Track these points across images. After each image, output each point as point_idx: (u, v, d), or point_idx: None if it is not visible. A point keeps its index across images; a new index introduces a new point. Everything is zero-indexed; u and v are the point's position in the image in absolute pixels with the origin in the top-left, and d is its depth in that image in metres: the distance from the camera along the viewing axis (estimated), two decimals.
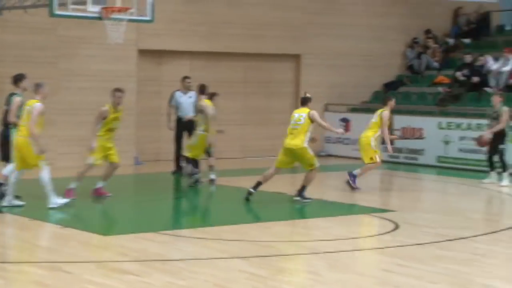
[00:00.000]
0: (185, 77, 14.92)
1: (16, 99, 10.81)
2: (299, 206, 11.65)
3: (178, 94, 14.73)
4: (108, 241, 8.70)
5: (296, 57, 18.53)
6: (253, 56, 18.02)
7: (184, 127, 14.32)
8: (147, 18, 13.32)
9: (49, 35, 15.19)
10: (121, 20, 12.68)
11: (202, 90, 13.21)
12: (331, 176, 15.29)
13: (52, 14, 12.58)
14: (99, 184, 11.38)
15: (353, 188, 12.49)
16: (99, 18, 12.65)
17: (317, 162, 11.23)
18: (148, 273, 7.16)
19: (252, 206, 11.51)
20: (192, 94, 14.75)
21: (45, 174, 9.98)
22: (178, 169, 14.32)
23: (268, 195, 12.38)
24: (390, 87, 19.25)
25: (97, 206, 11.08)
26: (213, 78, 17.61)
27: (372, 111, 18.26)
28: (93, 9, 12.54)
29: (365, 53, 19.11)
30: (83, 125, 15.30)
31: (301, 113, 11.31)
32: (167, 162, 15.51)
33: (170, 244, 8.66)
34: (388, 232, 9.26)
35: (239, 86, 18.03)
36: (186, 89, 14.77)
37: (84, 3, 12.61)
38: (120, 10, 12.66)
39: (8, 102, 11.01)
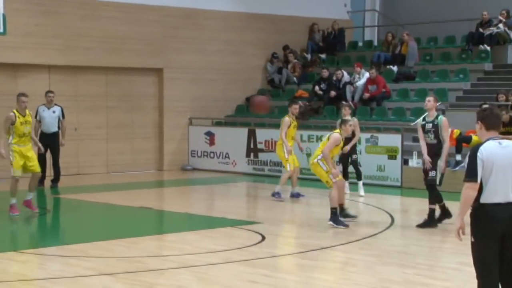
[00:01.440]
0: (48, 92, 14.63)
1: None
2: (165, 220, 11.59)
3: (41, 109, 14.38)
4: None
5: (158, 71, 18.47)
6: (113, 70, 17.78)
7: (47, 141, 13.93)
8: (0, 30, 12.85)
9: None
10: None
11: None
12: (197, 189, 15.34)
13: None
14: (29, 197, 11.27)
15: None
16: None
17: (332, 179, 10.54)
18: None
19: (118, 222, 11.32)
20: (56, 109, 14.44)
21: None
22: (41, 183, 13.93)
23: (134, 209, 12.24)
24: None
25: None
26: (73, 91, 17.24)
27: (236, 124, 18.64)
28: None
29: (225, 67, 19.36)
30: None
31: None
32: (26, 178, 14.94)
33: (32, 263, 8.35)
34: (255, 244, 9.40)
35: (101, 100, 17.72)
36: (49, 103, 14.44)
37: None
38: None
39: None
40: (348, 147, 13.10)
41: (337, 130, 10.88)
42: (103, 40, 17.33)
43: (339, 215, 10.60)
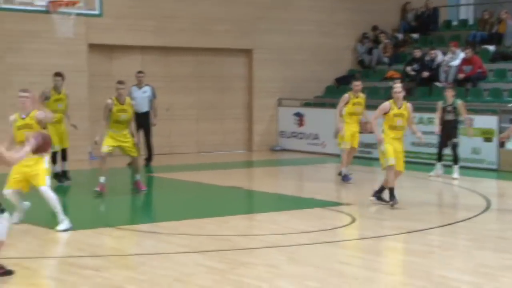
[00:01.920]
0: (138, 72, 14.94)
1: None
2: (255, 200, 11.65)
3: (133, 89, 14.73)
4: (65, 237, 8.55)
5: (247, 52, 18.52)
6: (204, 51, 17.95)
7: (139, 121, 14.28)
8: (96, 12, 13.17)
9: None
10: (69, 14, 12.49)
11: None
12: (286, 170, 15.35)
13: None
14: (137, 177, 11.60)
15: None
16: (46, 12, 12.45)
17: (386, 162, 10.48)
18: (107, 268, 7.08)
19: (209, 201, 11.46)
20: (147, 89, 14.75)
21: None
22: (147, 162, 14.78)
23: (224, 189, 12.36)
24: (342, 82, 19.40)
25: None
26: (165, 72, 17.52)
27: (325, 105, 18.51)
28: (40, 2, 12.33)
29: (315, 47, 19.22)
30: None
31: None
32: (120, 156, 15.32)
33: (127, 239, 8.56)
34: (345, 226, 9.32)
35: (192, 80, 17.94)
36: (139, 83, 14.76)
37: None
38: (67, 4, 12.49)
39: None
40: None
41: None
42: (194, 22, 17.50)
43: (392, 195, 10.33)
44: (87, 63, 16.14)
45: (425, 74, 17.56)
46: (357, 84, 13.02)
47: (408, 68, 17.99)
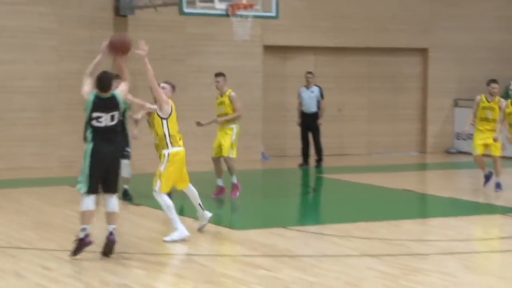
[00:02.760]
0: (307, 73, 15.17)
1: None
2: (429, 204, 11.35)
3: (301, 90, 14.96)
4: (238, 236, 8.81)
5: (423, 51, 18.09)
6: (378, 51, 17.74)
7: (307, 122, 14.44)
8: (272, 14, 13.42)
9: (177, 33, 15.58)
10: (247, 16, 12.82)
11: None
12: (462, 173, 14.83)
13: (181, 12, 12.92)
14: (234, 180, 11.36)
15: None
16: (226, 15, 12.86)
17: None
18: (279, 268, 7.19)
19: (380, 204, 11.32)
20: (315, 89, 14.92)
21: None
22: (305, 163, 14.53)
23: (397, 192, 12.16)
24: None
25: (226, 200, 11.25)
26: (337, 73, 17.53)
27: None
28: (220, 6, 12.77)
29: (496, 45, 18.39)
30: (209, 118, 15.59)
31: None
32: (293, 157, 15.58)
33: (299, 240, 8.65)
34: None
35: (364, 81, 17.81)
36: (308, 84, 14.98)
37: (211, 1, 12.87)
38: (246, 7, 12.82)
39: None
40: None
41: None
42: (370, 21, 17.36)
43: None
44: (262, 64, 16.52)
45: None
46: (494, 87, 12.19)
47: None
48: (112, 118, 7.44)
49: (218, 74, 11.42)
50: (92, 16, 14.79)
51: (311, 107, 14.79)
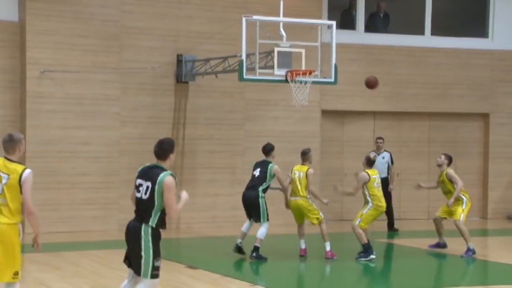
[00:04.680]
0: (378, 138, 15.22)
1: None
2: (492, 272, 11.02)
3: (372, 154, 14.85)
4: None
5: (484, 116, 17.92)
6: (438, 115, 17.65)
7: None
8: (331, 80, 13.53)
9: (237, 98, 15.86)
10: (306, 82, 12.96)
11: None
12: None
13: (241, 79, 13.13)
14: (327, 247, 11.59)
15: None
16: (285, 81, 13.03)
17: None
18: None
19: (442, 270, 11.07)
20: (386, 154, 14.98)
21: None
22: (390, 227, 15.00)
23: (458, 259, 11.88)
24: None
25: (283, 263, 11.18)
26: (397, 137, 17.46)
27: None
28: (279, 72, 12.95)
29: None
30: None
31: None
32: (349, 221, 15.41)
33: None
34: None
35: (424, 145, 17.68)
36: (378, 149, 15.03)
37: (271, 67, 13.08)
38: (305, 73, 12.96)
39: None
40: None
41: None
42: (430, 86, 17.35)
43: None
44: (320, 129, 16.61)
45: None
46: None
47: None
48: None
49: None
50: (155, 83, 15.22)
51: (382, 173, 14.72)
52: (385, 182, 14.69)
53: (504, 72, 17.82)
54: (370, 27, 17.34)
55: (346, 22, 17.05)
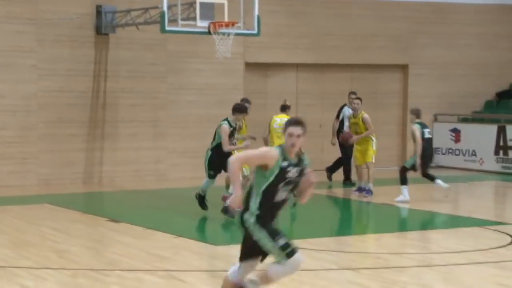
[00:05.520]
0: (350, 92, 14.98)
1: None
2: (408, 218, 11.40)
3: (346, 108, 14.87)
4: (219, 251, 8.81)
5: (403, 68, 18.26)
6: (359, 67, 17.89)
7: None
8: (254, 32, 13.49)
9: (159, 50, 15.63)
10: (228, 34, 12.88)
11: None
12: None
13: (163, 31, 12.96)
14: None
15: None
16: (208, 33, 12.91)
17: None
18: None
19: (360, 218, 11.37)
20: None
21: None
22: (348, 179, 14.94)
23: (376, 206, 12.22)
24: (503, 96, 18.65)
25: (208, 215, 11.25)
26: (319, 89, 17.63)
27: (484, 121, 17.85)
28: (201, 24, 12.82)
29: (475, 62, 18.60)
30: (192, 137, 15.66)
31: (282, 119, 12.00)
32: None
33: None
34: (504, 246, 8.92)
35: (345, 97, 17.89)
36: (350, 103, 14.92)
37: (193, 19, 12.92)
38: (227, 25, 12.88)
39: None
40: None
41: None
42: (350, 38, 17.51)
43: None
44: (243, 81, 16.59)
45: None
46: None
47: None
48: None
49: None
50: (73, 35, 14.82)
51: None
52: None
53: (422, 23, 18.13)
54: None
55: None
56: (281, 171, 5.48)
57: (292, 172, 5.54)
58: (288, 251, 5.59)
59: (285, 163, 5.50)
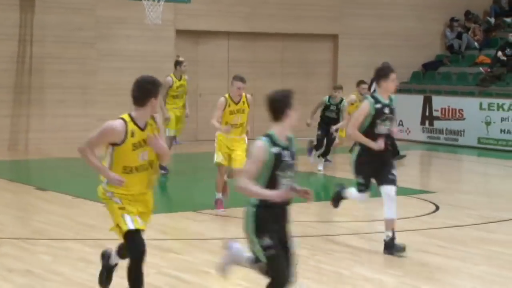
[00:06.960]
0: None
1: None
2: (336, 187, 11.57)
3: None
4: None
5: (333, 37, 18.40)
6: (291, 36, 17.93)
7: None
8: None
9: (87, 15, 15.28)
10: (159, 0, 12.70)
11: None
12: None
13: None
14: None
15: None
16: None
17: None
18: (189, 251, 7.21)
19: None
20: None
21: None
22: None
23: (304, 175, 12.34)
24: (430, 67, 19.03)
25: None
26: (251, 58, 17.61)
27: (411, 91, 18.19)
28: None
29: (404, 33, 18.90)
30: (122, 105, 15.38)
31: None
32: (206, 141, 15.56)
33: (210, 223, 8.69)
34: (428, 214, 9.17)
35: (277, 66, 17.97)
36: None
37: None
38: None
39: None
40: None
41: None
42: (283, 7, 17.50)
43: None
44: (174, 49, 16.41)
45: None
46: (364, 88, 12.90)
47: (500, 53, 17.45)
48: None
49: None
50: None
51: None
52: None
53: None
54: None
55: None
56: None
57: None
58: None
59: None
